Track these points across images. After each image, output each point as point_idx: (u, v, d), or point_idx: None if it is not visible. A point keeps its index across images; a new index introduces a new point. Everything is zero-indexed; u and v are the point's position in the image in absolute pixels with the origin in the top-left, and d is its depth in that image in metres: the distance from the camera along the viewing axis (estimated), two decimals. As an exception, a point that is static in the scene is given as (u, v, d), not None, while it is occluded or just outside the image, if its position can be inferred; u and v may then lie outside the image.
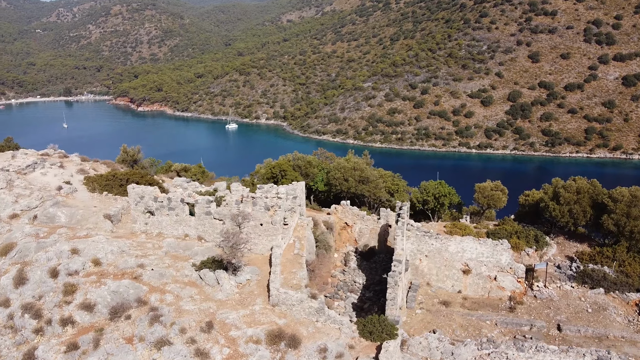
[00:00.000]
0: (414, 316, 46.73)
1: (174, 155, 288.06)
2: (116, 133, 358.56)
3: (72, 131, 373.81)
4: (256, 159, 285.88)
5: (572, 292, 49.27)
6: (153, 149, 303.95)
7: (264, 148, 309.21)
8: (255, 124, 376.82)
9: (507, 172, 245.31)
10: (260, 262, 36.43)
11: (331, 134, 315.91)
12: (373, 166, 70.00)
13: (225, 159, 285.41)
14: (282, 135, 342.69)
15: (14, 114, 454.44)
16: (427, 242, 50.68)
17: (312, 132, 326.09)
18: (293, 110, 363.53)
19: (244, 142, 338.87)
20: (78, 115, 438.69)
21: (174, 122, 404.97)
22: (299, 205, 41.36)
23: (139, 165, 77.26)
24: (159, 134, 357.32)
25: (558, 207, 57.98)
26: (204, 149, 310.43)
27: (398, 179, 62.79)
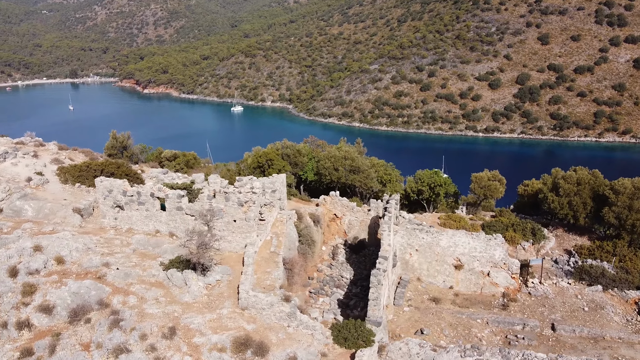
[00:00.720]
0: (401, 314, 44.80)
1: (179, 138, 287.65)
2: (122, 115, 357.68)
3: (77, 113, 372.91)
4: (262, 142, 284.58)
5: (568, 289, 47.13)
6: (158, 131, 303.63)
7: (269, 131, 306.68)
8: (260, 107, 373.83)
9: (514, 156, 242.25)
10: (233, 260, 34.52)
11: (337, 116, 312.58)
12: (366, 154, 67.63)
13: (230, 141, 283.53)
14: (287, 118, 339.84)
15: (20, 96, 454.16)
16: (418, 236, 48.58)
17: (318, 115, 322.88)
18: (299, 92, 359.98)
19: (250, 124, 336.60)
20: (84, 97, 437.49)
21: (180, 104, 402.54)
22: (278, 199, 39.31)
23: (128, 151, 75.49)
24: (165, 116, 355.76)
25: (557, 198, 55.65)
26: (209, 131, 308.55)
27: (391, 168, 60.44)
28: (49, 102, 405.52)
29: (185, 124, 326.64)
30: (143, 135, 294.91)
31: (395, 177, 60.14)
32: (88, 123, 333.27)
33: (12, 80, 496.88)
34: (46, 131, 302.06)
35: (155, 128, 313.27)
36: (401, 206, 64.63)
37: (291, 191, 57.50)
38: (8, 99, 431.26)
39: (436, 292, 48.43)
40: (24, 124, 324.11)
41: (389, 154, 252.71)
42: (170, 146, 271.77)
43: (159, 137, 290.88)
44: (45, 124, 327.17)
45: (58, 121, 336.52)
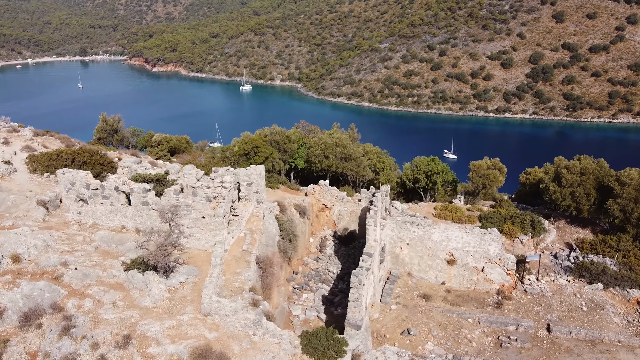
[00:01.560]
0: (387, 312, 42.60)
1: (187, 117, 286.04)
2: (130, 94, 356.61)
3: (86, 92, 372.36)
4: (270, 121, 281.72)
5: (566, 287, 44.58)
6: (166, 110, 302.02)
7: (278, 110, 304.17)
8: (269, 86, 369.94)
9: (524, 137, 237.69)
10: (202, 260, 32.32)
11: (346, 96, 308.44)
12: (360, 141, 64.83)
13: (239, 121, 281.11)
14: (296, 97, 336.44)
15: (30, 74, 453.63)
16: (409, 229, 46.15)
17: (327, 94, 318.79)
18: (308, 71, 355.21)
19: (259, 103, 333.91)
20: (93, 75, 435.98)
21: (189, 83, 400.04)
22: (255, 192, 36.94)
23: (119, 135, 73.42)
24: (173, 95, 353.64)
25: (559, 189, 52.74)
26: (218, 110, 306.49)
27: (385, 156, 57.61)
28: (59, 81, 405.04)
29: (193, 103, 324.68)
30: (151, 114, 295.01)
31: (389, 165, 57.40)
32: (97, 102, 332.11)
33: (22, 58, 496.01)
34: (55, 109, 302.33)
35: (164, 107, 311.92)
36: (397, 195, 62.15)
37: (280, 179, 55.12)
38: (18, 77, 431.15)
39: (427, 288, 46.11)
40: (34, 102, 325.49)
41: (398, 134, 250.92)
42: (178, 125, 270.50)
43: (167, 116, 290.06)
44: (55, 102, 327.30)
45: (67, 99, 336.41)
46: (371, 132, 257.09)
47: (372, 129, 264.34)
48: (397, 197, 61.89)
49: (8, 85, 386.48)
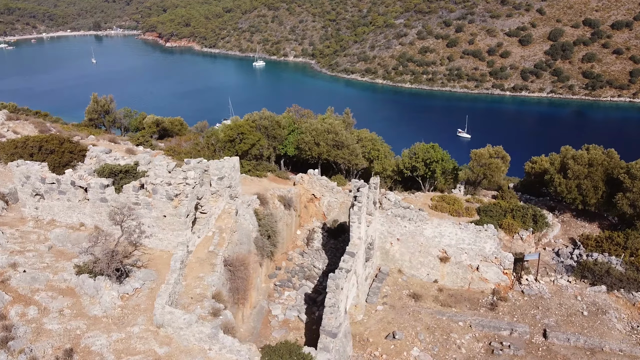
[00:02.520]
0: (373, 314, 40.04)
1: (201, 92, 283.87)
2: (143, 69, 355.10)
3: (100, 67, 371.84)
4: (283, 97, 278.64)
5: (567, 289, 41.59)
6: (179, 86, 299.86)
7: (291, 87, 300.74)
8: (283, 62, 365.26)
9: (541, 117, 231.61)
10: (163, 262, 29.91)
11: (360, 73, 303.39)
12: (355, 127, 61.60)
13: (252, 97, 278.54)
14: (309, 74, 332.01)
15: (45, 48, 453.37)
16: (400, 224, 43.33)
17: (340, 70, 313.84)
18: (322, 47, 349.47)
19: (271, 80, 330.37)
20: (107, 50, 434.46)
21: (202, 58, 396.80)
22: (227, 187, 34.30)
23: (110, 116, 71.09)
24: (186, 70, 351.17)
25: (565, 181, 49.42)
26: (230, 86, 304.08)
27: (380, 143, 54.40)
28: (73, 55, 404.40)
29: (206, 79, 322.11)
30: (163, 90, 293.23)
31: (384, 153, 54.24)
32: (110, 76, 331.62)
33: (37, 32, 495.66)
34: (69, 84, 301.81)
35: (176, 82, 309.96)
36: (394, 183, 59.22)
37: (269, 167, 52.44)
38: (33, 51, 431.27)
39: (418, 287, 43.43)
40: (48, 77, 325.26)
41: (411, 112, 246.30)
42: (191, 101, 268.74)
43: (179, 92, 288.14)
44: (69, 77, 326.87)
45: (81, 74, 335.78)
46: (384, 110, 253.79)
47: (385, 107, 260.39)
48: (394, 185, 58.97)
49: (23, 60, 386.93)
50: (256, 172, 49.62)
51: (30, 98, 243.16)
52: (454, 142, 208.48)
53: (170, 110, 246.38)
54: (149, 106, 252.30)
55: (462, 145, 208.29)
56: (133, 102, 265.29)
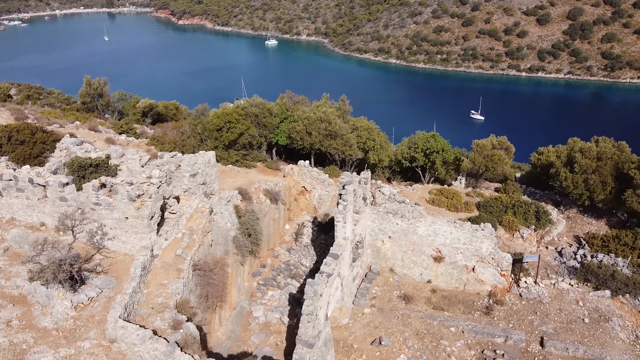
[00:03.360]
0: (359, 317, 37.86)
1: (213, 71, 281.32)
2: (156, 47, 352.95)
3: (112, 44, 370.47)
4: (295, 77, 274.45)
5: (568, 293, 39.02)
6: (191, 64, 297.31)
7: (303, 66, 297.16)
8: (295, 41, 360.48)
9: (558, 98, 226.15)
10: (125, 267, 27.83)
11: (373, 52, 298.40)
12: (352, 115, 58.79)
13: (265, 76, 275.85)
14: (322, 53, 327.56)
15: (58, 26, 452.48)
16: (391, 221, 40.90)
17: (354, 50, 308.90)
18: (335, 26, 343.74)
19: (284, 59, 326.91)
20: (119, 28, 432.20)
21: (214, 36, 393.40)
22: (201, 184, 32.08)
23: (104, 99, 69.01)
24: (198, 48, 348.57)
25: (571, 176, 46.57)
26: (243, 65, 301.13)
27: (376, 132, 51.59)
28: (85, 33, 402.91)
29: (219, 57, 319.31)
30: (176, 68, 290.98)
31: (379, 144, 51.51)
32: (122, 54, 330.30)
33: (50, 9, 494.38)
34: (81, 62, 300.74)
35: (188, 61, 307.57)
36: (393, 174, 56.70)
37: (259, 156, 50.08)
38: (47, 29, 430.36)
39: (410, 287, 41.12)
40: (61, 55, 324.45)
41: (424, 92, 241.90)
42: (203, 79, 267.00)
43: (191, 70, 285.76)
44: (81, 55, 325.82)
45: (93, 52, 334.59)
46: (396, 91, 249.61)
47: (397, 87, 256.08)
48: (392, 176, 56.45)
49: (36, 38, 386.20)
50: (245, 162, 47.36)
51: (43, 76, 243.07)
52: (466, 124, 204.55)
53: (180, 89, 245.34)
54: (159, 85, 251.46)
55: (475, 127, 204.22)
56: (144, 81, 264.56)
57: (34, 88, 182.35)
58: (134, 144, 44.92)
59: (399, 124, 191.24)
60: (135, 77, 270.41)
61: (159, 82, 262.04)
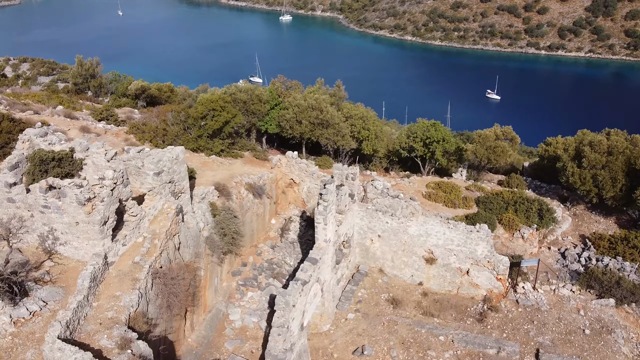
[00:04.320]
0: (342, 323, 35.52)
1: (227, 46, 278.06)
2: (170, 22, 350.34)
3: (126, 19, 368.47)
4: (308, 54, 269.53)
5: (569, 300, 36.24)
6: (204, 39, 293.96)
7: (317, 42, 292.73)
8: (310, 16, 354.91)
9: (577, 78, 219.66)
10: (77, 276, 25.59)
11: (388, 29, 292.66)
12: (349, 99, 55.68)
13: (278, 53, 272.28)
14: (337, 29, 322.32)
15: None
16: (381, 219, 38.27)
17: (369, 26, 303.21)
18: (350, 1, 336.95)
19: (298, 35, 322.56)
20: (133, 2, 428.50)
21: (228, 11, 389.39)
22: (168, 183, 29.69)
23: (96, 80, 66.70)
24: (213, 23, 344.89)
25: (578, 171, 43.38)
26: (256, 41, 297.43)
27: (372, 121, 48.34)
28: (100, 7, 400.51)
29: (233, 33, 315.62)
30: (189, 43, 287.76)
31: (374, 134, 48.40)
32: (136, 29, 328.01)
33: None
34: (95, 37, 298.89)
35: (202, 36, 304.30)
36: (391, 164, 53.89)
37: (248, 145, 47.49)
38: (61, 3, 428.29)
39: (399, 290, 38.62)
40: (76, 29, 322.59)
41: (439, 70, 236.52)
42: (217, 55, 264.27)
43: (205, 45, 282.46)
44: (95, 29, 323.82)
45: (107, 26, 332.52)
46: (411, 68, 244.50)
47: (413, 65, 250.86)
48: (390, 166, 53.66)
49: (51, 12, 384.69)
50: (231, 152, 44.85)
51: (57, 50, 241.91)
52: (482, 104, 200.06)
53: (193, 65, 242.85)
54: (172, 61, 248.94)
55: (490, 106, 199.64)
56: (157, 56, 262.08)
57: (47, 63, 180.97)
58: (112, 132, 42.55)
59: (413, 103, 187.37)
60: (148, 52, 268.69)
61: (172, 58, 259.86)
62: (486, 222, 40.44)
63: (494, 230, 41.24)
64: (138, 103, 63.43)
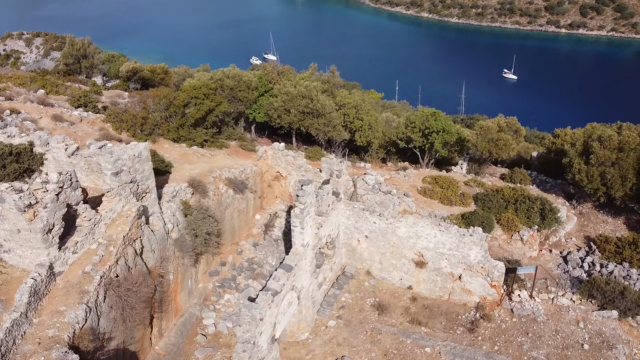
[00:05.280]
0: (321, 331, 33.30)
1: (241, 24, 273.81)
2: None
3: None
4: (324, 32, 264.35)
5: (568, 311, 33.58)
6: (218, 16, 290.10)
7: (332, 19, 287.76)
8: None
9: (598, 58, 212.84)
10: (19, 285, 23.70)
11: (404, 5, 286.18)
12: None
13: (292, 30, 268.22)
14: (352, 5, 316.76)
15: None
16: (368, 219, 35.76)
17: (384, 2, 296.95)
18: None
19: (313, 12, 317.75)
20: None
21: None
22: (128, 183, 27.39)
23: (88, 61, 64.38)
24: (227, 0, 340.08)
25: (585, 168, 40.33)
26: (271, 17, 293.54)
27: (365, 111, 45.15)
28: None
29: (246, 10, 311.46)
30: (202, 21, 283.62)
31: (368, 124, 45.39)
32: (149, 4, 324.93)
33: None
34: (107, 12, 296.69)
35: (214, 14, 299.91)
36: (389, 154, 51.17)
37: (235, 134, 44.99)
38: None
39: (387, 294, 36.24)
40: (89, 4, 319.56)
41: (456, 49, 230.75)
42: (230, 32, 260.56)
43: (218, 22, 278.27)
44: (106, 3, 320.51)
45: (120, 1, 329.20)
46: (427, 46, 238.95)
47: (428, 43, 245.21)
48: (388, 156, 50.93)
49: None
50: (216, 142, 42.44)
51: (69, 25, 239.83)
52: (498, 84, 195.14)
53: (203, 42, 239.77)
54: (183, 38, 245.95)
55: (506, 87, 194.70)
56: (168, 32, 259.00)
57: (60, 38, 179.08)
58: (89, 120, 40.26)
59: (427, 83, 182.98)
60: (160, 29, 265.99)
61: (184, 35, 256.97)
62: (483, 222, 37.95)
63: (492, 231, 38.64)
64: (130, 85, 61.07)
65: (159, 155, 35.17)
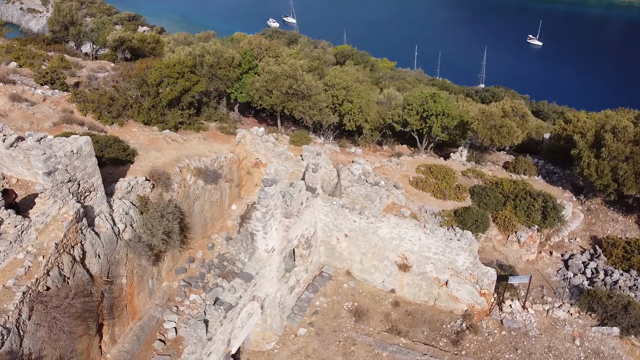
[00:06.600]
0: (290, 340, 30.59)
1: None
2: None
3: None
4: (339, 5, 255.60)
5: (564, 326, 30.32)
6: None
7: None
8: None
9: (629, 25, 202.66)
10: None
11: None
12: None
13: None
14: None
15: None
16: (348, 217, 32.59)
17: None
18: None
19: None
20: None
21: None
22: (65, 182, 24.50)
23: (75, 28, 61.12)
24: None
25: (596, 162, 36.40)
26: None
27: (356, 92, 41.03)
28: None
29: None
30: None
31: (358, 107, 41.49)
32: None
33: None
34: None
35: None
36: (384, 136, 47.58)
37: (216, 115, 41.71)
38: None
39: (367, 298, 33.31)
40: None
41: (479, 12, 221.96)
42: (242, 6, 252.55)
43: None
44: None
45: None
46: (448, 9, 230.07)
47: (450, 5, 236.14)
48: (384, 139, 47.34)
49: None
50: (192, 125, 39.30)
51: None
52: (522, 50, 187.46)
53: (221, 2, 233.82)
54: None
55: (531, 53, 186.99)
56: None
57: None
58: (53, 99, 37.25)
59: (445, 49, 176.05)
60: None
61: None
62: (477, 221, 34.60)
63: (487, 231, 35.26)
64: (118, 56, 57.83)
65: (121, 142, 32.15)
